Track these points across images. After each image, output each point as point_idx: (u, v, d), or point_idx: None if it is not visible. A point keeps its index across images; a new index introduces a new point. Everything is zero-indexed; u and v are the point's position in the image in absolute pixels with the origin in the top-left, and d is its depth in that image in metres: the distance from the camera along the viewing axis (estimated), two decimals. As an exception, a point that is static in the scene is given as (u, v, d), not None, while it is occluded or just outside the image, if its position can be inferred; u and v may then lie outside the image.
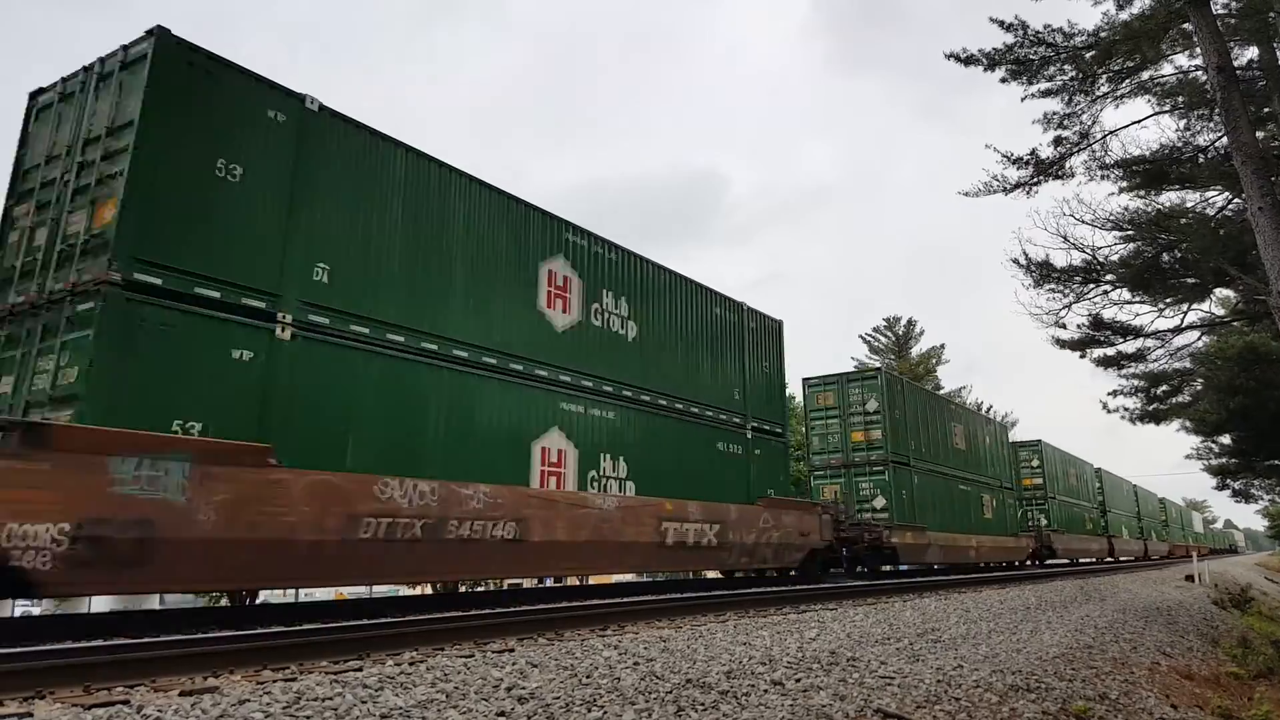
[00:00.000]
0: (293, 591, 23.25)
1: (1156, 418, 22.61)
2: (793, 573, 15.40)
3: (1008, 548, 26.03)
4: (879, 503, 18.89)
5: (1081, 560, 35.30)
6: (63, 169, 7.75)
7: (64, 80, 8.24)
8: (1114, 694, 6.96)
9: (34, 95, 8.58)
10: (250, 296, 7.63)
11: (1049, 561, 30.52)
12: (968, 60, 14.42)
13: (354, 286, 8.58)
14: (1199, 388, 22.01)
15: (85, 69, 8.00)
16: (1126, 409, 22.25)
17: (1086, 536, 36.02)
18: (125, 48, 7.62)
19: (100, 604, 17.27)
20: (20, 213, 8.07)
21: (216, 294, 7.35)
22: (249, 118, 7.97)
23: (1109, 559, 38.42)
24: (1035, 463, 32.43)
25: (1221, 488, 34.18)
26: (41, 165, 8.06)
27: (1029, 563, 28.75)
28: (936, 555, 20.56)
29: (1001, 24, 14.03)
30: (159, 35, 7.38)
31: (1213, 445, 31.00)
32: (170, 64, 7.41)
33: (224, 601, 14.19)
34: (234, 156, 7.73)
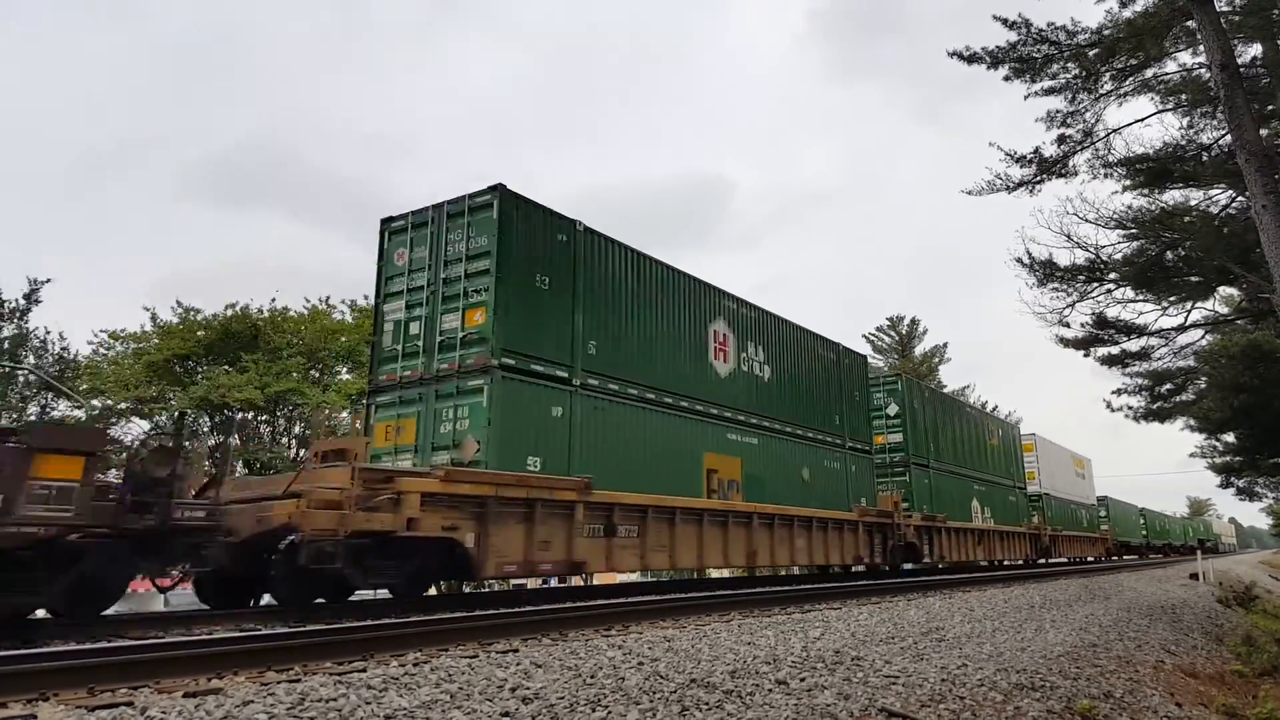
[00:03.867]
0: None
1: (1160, 416, 22.52)
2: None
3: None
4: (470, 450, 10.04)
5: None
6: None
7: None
8: (1119, 692, 6.95)
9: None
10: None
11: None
12: (970, 58, 14.38)
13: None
14: (1203, 386, 21.92)
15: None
16: (1130, 408, 22.16)
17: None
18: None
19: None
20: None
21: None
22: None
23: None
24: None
25: (1226, 486, 33.97)
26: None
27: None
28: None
29: (1004, 22, 13.99)
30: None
31: (1217, 444, 30.83)
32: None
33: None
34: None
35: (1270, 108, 14.86)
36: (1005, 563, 26.76)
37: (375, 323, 11.73)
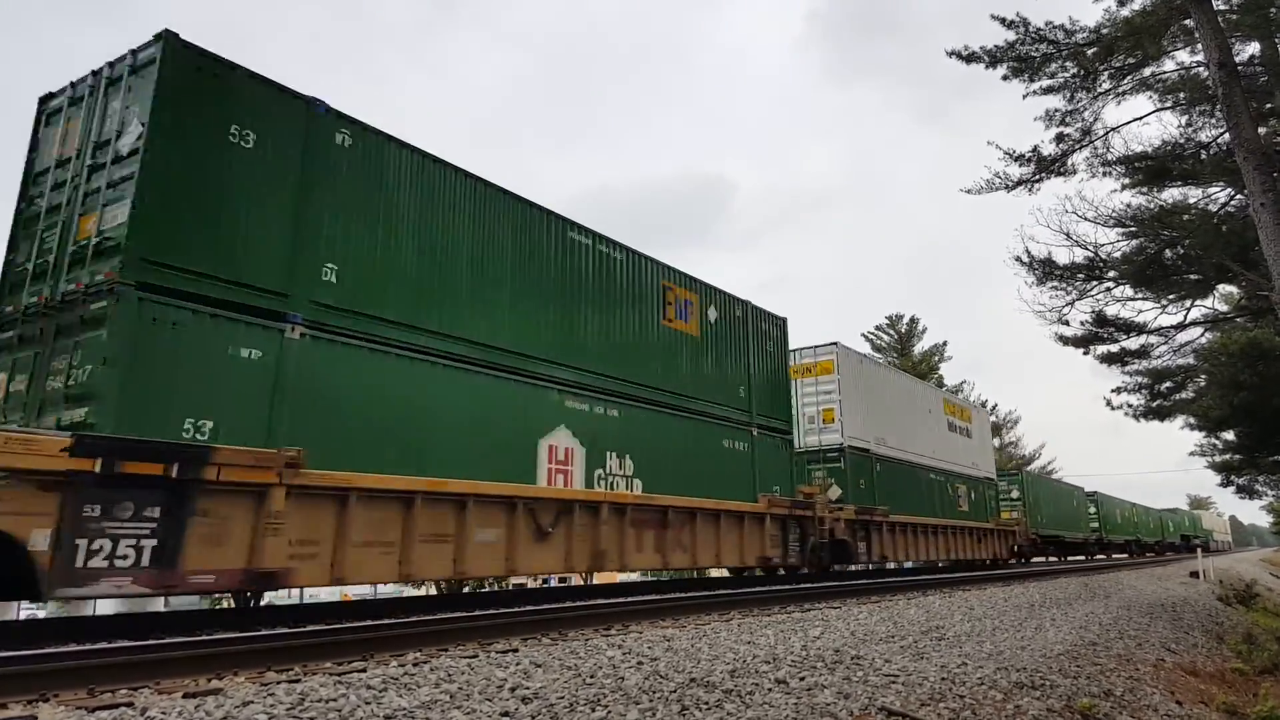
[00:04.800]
0: (297, 592, 23.31)
1: (1160, 414, 22.55)
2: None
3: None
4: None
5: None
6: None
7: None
8: (1119, 690, 6.95)
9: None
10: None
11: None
12: (969, 58, 14.42)
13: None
14: (1202, 384, 21.95)
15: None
16: (1130, 406, 22.18)
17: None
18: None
19: (105, 606, 17.29)
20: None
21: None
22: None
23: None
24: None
25: (1226, 484, 34.01)
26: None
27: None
28: None
29: (1003, 21, 14.03)
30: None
31: (1216, 441, 30.86)
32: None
33: (228, 603, 14.20)
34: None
35: (1268, 106, 14.88)
36: (671, 575, 16.60)
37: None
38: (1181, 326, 17.28)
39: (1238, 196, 14.79)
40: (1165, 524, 58.62)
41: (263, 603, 9.04)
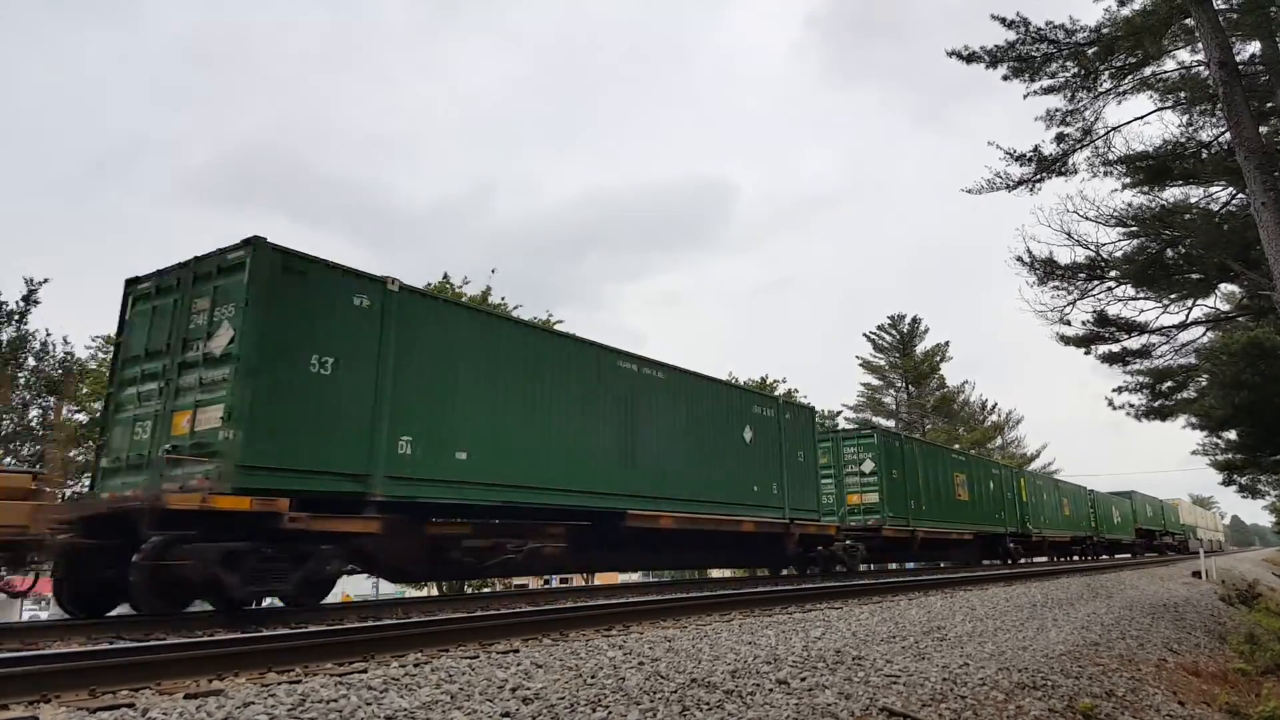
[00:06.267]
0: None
1: (1162, 414, 22.48)
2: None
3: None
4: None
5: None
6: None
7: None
8: (1121, 691, 6.95)
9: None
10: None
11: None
12: (969, 58, 14.40)
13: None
14: (1204, 383, 21.89)
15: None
16: (1132, 405, 22.11)
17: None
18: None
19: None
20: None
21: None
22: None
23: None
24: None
25: (1228, 483, 33.89)
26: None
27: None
28: None
29: (1003, 21, 14.01)
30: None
31: (1218, 441, 30.75)
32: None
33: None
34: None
35: (1269, 105, 14.85)
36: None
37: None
38: (1183, 326, 17.27)
39: (1239, 196, 14.78)
40: (1104, 513, 39.98)
41: (263, 604, 9.05)
